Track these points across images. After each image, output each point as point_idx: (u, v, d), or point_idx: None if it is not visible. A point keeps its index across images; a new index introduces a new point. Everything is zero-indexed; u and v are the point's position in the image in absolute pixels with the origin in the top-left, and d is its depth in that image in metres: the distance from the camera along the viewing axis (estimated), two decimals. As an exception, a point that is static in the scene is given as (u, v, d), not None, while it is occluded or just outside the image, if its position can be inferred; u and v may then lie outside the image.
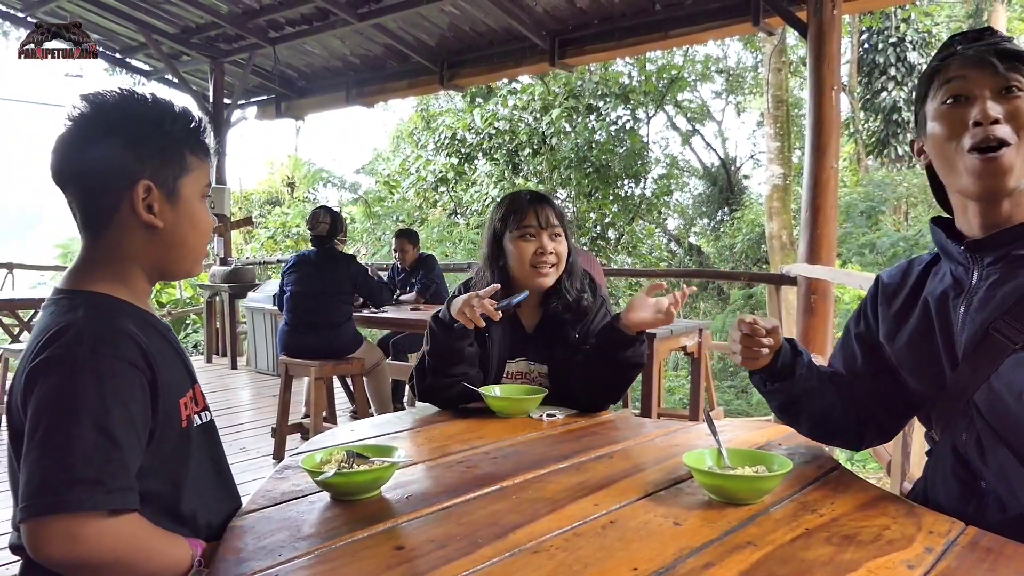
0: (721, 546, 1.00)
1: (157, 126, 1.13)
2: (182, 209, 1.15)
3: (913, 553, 0.97)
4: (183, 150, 1.15)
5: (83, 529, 0.94)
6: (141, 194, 1.10)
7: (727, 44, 17.62)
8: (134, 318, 1.10)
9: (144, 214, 1.11)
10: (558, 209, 1.99)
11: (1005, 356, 1.13)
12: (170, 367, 1.13)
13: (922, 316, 1.27)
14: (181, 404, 1.14)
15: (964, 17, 13.99)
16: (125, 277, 1.14)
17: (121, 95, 1.14)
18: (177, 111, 1.16)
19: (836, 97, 4.36)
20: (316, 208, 4.61)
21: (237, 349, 7.61)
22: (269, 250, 14.79)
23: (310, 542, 1.03)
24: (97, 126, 1.11)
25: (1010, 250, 1.16)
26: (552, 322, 2.00)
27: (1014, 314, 1.13)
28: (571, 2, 5.72)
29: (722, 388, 11.01)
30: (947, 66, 1.18)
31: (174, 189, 1.13)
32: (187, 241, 1.17)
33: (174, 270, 1.19)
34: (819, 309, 4.32)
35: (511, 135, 13.09)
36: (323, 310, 4.28)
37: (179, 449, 1.14)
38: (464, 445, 1.54)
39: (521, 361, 2.02)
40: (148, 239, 1.13)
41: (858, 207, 12.86)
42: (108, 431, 0.97)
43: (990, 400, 1.14)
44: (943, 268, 1.28)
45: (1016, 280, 1.15)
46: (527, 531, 1.06)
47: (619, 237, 13.83)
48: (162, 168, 1.12)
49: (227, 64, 8.04)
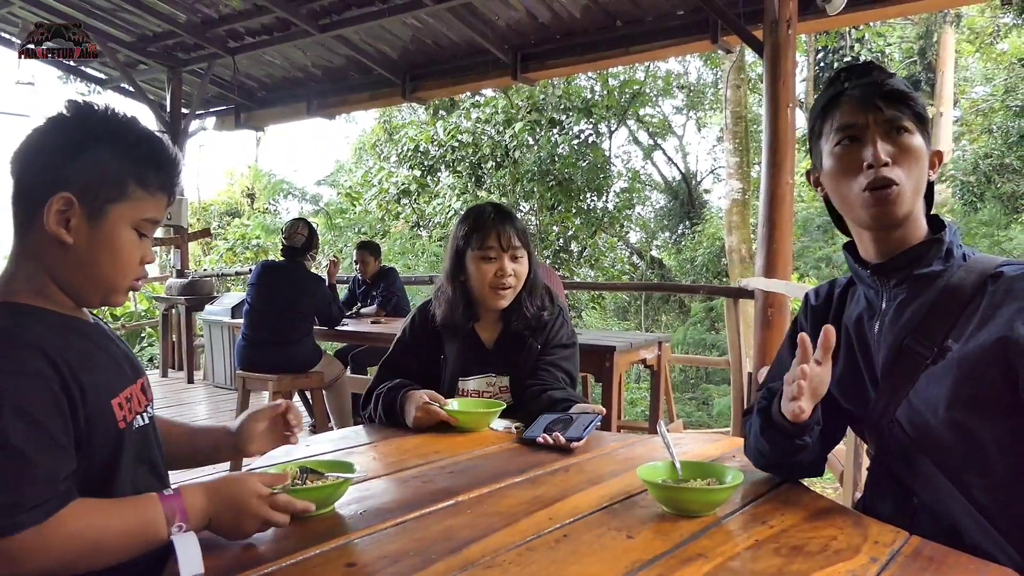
0: (673, 559, 1.00)
1: (106, 145, 1.10)
2: (103, 233, 1.10)
3: (859, 563, 0.98)
4: (127, 177, 1.11)
5: (17, 549, 0.91)
6: (57, 204, 1.06)
7: (688, 61, 17.93)
8: (49, 326, 1.07)
9: (52, 224, 1.07)
10: (520, 228, 1.99)
11: (919, 372, 1.18)
12: (96, 370, 1.09)
13: (844, 339, 1.32)
14: (115, 405, 1.11)
15: (915, 38, 14.42)
16: (42, 287, 1.11)
17: (101, 109, 1.13)
18: (140, 138, 1.13)
19: (792, 114, 4.45)
20: (296, 219, 4.57)
21: (194, 363, 7.48)
22: (228, 262, 14.57)
23: (260, 561, 1.01)
24: (55, 129, 1.10)
25: (911, 271, 1.23)
26: (512, 335, 2.01)
27: (921, 331, 1.19)
28: (533, 17, 5.76)
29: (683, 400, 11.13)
30: (839, 106, 1.24)
31: (100, 211, 1.09)
32: (99, 267, 1.11)
33: (84, 295, 1.14)
34: (776, 322, 4.39)
35: (474, 148, 13.11)
36: (283, 327, 4.22)
37: (110, 451, 1.10)
38: (421, 459, 1.53)
39: (480, 378, 2.01)
40: (61, 253, 1.09)
41: (815, 221, 13.13)
42: (14, 449, 0.94)
43: (910, 416, 1.19)
44: (859, 290, 1.34)
45: (921, 298, 1.22)
46: (480, 546, 1.05)
47: (582, 250, 13.91)
48: (93, 187, 1.08)
49: (185, 73, 7.93)
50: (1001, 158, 13.14)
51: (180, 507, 1.04)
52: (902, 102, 1.20)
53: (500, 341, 2.02)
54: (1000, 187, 13.02)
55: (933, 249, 1.23)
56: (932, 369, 1.17)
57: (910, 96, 1.21)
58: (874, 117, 1.20)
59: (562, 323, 2.05)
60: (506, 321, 2.01)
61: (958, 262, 1.23)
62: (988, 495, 1.13)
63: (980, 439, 1.13)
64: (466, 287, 1.99)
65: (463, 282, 1.98)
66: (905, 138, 1.21)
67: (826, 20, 4.68)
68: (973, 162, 13.11)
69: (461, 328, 2.00)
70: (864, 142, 1.21)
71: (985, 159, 13.21)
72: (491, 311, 2.01)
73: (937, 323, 1.18)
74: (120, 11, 6.73)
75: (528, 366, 1.97)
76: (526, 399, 1.91)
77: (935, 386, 1.16)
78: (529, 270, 2.00)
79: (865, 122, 1.21)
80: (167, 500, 1.04)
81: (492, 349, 2.03)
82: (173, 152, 1.17)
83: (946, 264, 1.22)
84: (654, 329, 14.50)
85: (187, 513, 1.04)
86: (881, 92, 1.20)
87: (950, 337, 1.17)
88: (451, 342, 2.01)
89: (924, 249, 1.23)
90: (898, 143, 1.20)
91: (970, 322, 1.16)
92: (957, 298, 1.18)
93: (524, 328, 1.99)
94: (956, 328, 1.17)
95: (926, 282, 1.22)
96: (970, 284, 1.18)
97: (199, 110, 8.28)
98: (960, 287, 1.19)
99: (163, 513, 1.02)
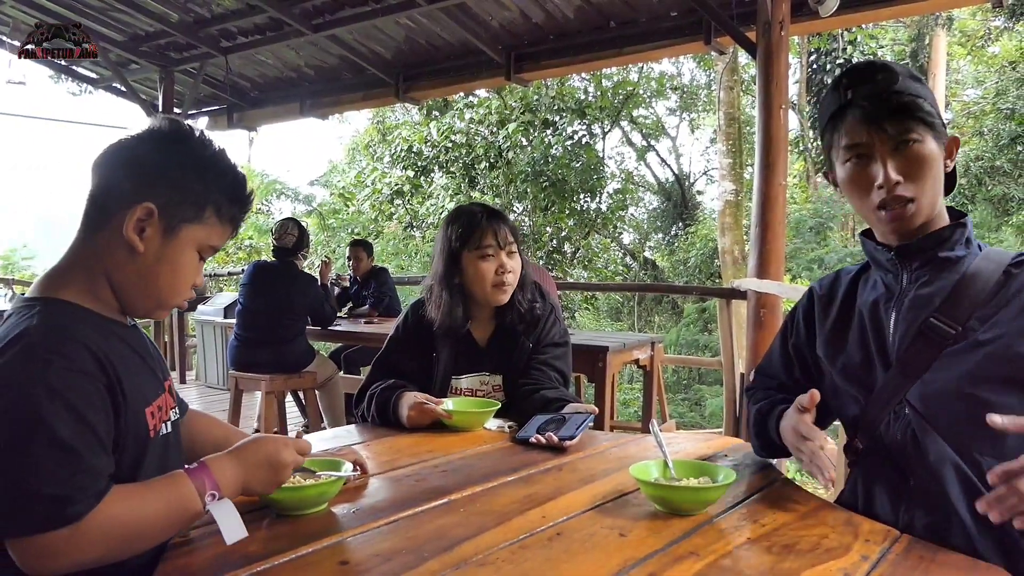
0: (665, 556, 1.01)
1: (196, 169, 1.15)
2: (171, 248, 1.13)
3: (849, 561, 0.99)
4: (207, 203, 1.15)
5: (61, 543, 0.93)
6: (140, 213, 1.09)
7: (681, 62, 17.97)
8: (95, 326, 1.08)
9: (130, 230, 1.09)
10: (511, 225, 2.02)
11: (940, 351, 1.19)
12: (134, 375, 1.11)
13: (857, 325, 1.33)
14: (148, 414, 1.12)
15: (907, 40, 14.48)
16: (95, 287, 1.12)
17: (198, 135, 1.18)
18: (226, 170, 1.18)
19: (784, 116, 4.46)
20: (285, 219, 4.57)
21: (186, 363, 7.46)
22: (220, 262, 14.52)
23: (253, 559, 1.01)
24: (155, 140, 1.14)
25: (935, 253, 1.25)
26: (505, 333, 2.02)
27: (944, 310, 1.20)
28: (527, 18, 5.76)
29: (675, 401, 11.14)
30: (844, 121, 1.25)
31: (174, 228, 1.12)
32: (159, 280, 1.14)
33: (135, 303, 1.16)
34: (768, 323, 4.40)
35: (467, 148, 13.10)
36: (275, 327, 4.21)
37: (135, 458, 1.11)
38: (414, 458, 1.54)
39: (473, 376, 2.02)
40: (126, 259, 1.11)
41: (807, 223, 13.18)
42: (65, 444, 0.95)
43: (925, 396, 1.20)
44: (873, 277, 1.36)
45: (942, 280, 1.24)
46: (474, 544, 1.05)
47: (575, 251, 13.93)
48: (176, 206, 1.12)
49: (177, 73, 7.89)
50: (992, 160, 13.23)
51: (209, 477, 1.06)
52: (907, 113, 1.20)
53: (493, 339, 2.03)
54: (991, 189, 13.11)
55: (956, 233, 1.25)
56: (954, 348, 1.19)
57: (914, 103, 1.21)
58: (880, 137, 1.21)
59: (554, 321, 2.06)
60: (500, 318, 2.02)
61: (975, 251, 1.25)
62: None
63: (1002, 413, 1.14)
64: (462, 288, 1.98)
65: (459, 284, 1.98)
66: (915, 149, 1.21)
67: (819, 22, 4.69)
68: (964, 164, 13.17)
69: (457, 330, 2.00)
70: (873, 158, 1.22)
71: (976, 161, 13.29)
72: (485, 309, 2.02)
73: (960, 304, 1.20)
74: (112, 10, 6.69)
75: (521, 364, 1.98)
76: (519, 398, 1.92)
77: (957, 365, 1.18)
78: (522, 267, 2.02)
79: (871, 141, 1.22)
80: (194, 473, 1.06)
81: (485, 348, 2.04)
82: (250, 190, 1.21)
83: (967, 251, 1.25)
84: (647, 330, 14.51)
85: (216, 482, 1.06)
86: (887, 107, 1.20)
87: (973, 318, 1.18)
88: (444, 342, 2.02)
89: (948, 232, 1.25)
90: (908, 156, 1.21)
91: (996, 306, 1.18)
92: (978, 283, 1.20)
93: (518, 322, 2.00)
94: (980, 310, 1.19)
95: (947, 266, 1.24)
96: (990, 271, 1.21)
97: (191, 110, 8.24)
98: (980, 273, 1.21)
99: (194, 486, 1.04)
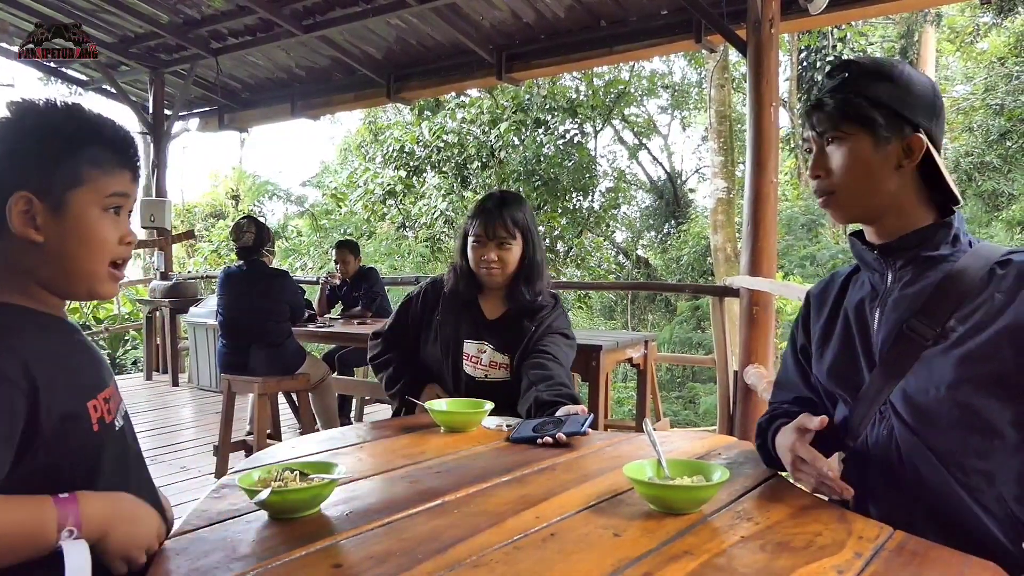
0: (659, 556, 1.01)
1: (51, 137, 1.08)
2: (70, 222, 1.08)
3: (843, 558, 0.99)
4: (80, 161, 1.09)
5: None
6: (18, 205, 1.05)
7: (672, 60, 17.99)
8: (30, 323, 1.07)
9: (18, 226, 1.05)
10: (513, 219, 2.14)
11: (919, 353, 1.20)
12: (73, 372, 1.08)
13: (843, 325, 1.34)
14: (90, 407, 1.09)
15: (896, 38, 14.53)
16: (26, 288, 1.09)
17: (40, 104, 1.11)
18: (82, 122, 1.11)
19: (775, 113, 4.47)
20: (240, 218, 4.41)
21: (179, 365, 7.43)
22: (212, 264, 14.50)
23: (245, 563, 1.01)
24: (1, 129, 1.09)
25: (918, 251, 1.26)
26: (512, 317, 2.18)
27: (925, 311, 1.21)
28: (518, 17, 5.76)
29: (669, 399, 11.15)
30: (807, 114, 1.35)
31: (61, 202, 1.07)
32: (76, 257, 1.09)
33: (68, 289, 1.13)
34: (761, 320, 4.41)
35: (460, 148, 13.10)
36: (260, 332, 4.16)
37: (90, 453, 1.08)
38: (407, 460, 1.53)
39: (474, 343, 2.17)
40: (36, 253, 1.08)
41: (799, 220, 13.21)
42: None
43: (906, 398, 1.20)
44: (862, 277, 1.37)
45: (925, 280, 1.24)
46: (467, 546, 1.05)
47: (568, 250, 13.94)
48: (50, 179, 1.07)
49: (168, 74, 7.87)
50: (982, 156, 13.29)
51: (74, 512, 0.97)
52: (839, 111, 1.26)
53: (502, 319, 2.20)
54: (981, 185, 13.16)
55: (940, 232, 1.25)
56: (933, 350, 1.19)
57: (846, 102, 1.25)
58: (813, 133, 1.32)
59: (564, 316, 2.25)
60: (509, 302, 2.20)
61: (964, 248, 1.25)
62: (983, 478, 1.15)
63: (988, 420, 1.14)
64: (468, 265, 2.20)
65: (465, 261, 2.21)
66: (836, 147, 1.28)
67: (808, 19, 4.71)
68: (954, 160, 13.23)
69: (464, 297, 2.21)
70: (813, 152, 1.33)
71: (966, 157, 13.35)
72: (494, 289, 2.22)
73: (941, 305, 1.20)
74: (101, 12, 6.66)
75: (524, 346, 2.12)
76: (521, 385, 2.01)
77: (937, 367, 1.17)
78: (524, 256, 2.17)
79: (808, 136, 1.34)
80: (62, 503, 0.97)
81: (492, 323, 2.20)
82: (119, 127, 1.15)
83: (954, 248, 1.25)
84: (640, 328, 14.53)
85: (80, 519, 0.97)
86: (820, 106, 1.29)
87: (953, 319, 1.18)
88: (451, 308, 2.23)
89: (931, 232, 1.25)
90: (832, 152, 1.29)
91: (977, 305, 1.18)
92: (962, 281, 1.20)
93: (519, 312, 2.17)
94: (960, 310, 1.18)
95: (932, 265, 1.25)
96: (976, 269, 1.20)
97: (182, 111, 8.22)
98: (965, 272, 1.20)
99: (56, 516, 0.95)
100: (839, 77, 1.29)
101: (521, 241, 2.16)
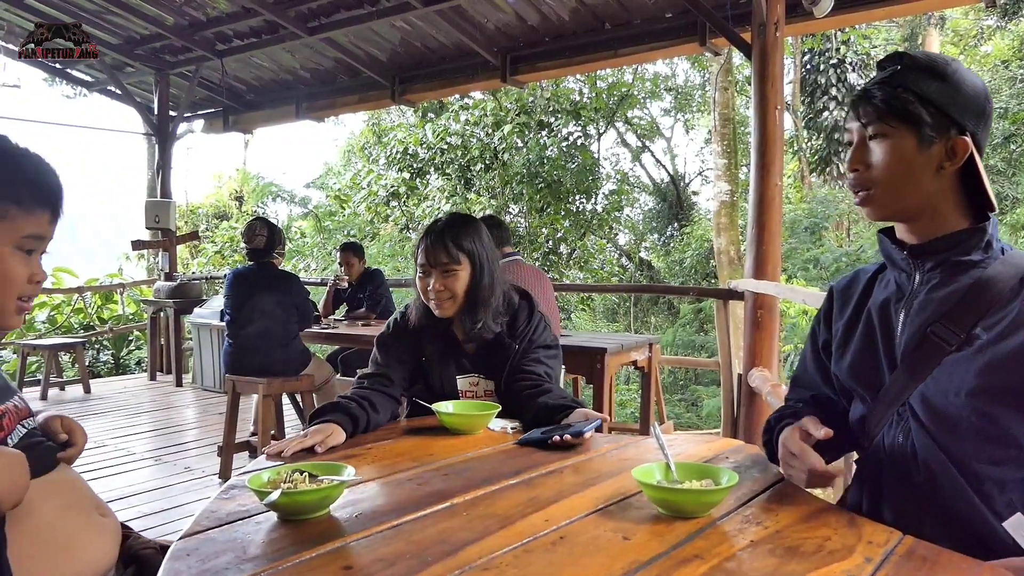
0: (669, 560, 1.01)
1: None
2: None
3: (853, 563, 0.99)
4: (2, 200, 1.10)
5: None
6: None
7: (675, 63, 18.00)
8: None
9: None
10: (457, 243, 1.97)
11: (941, 358, 1.19)
12: None
13: (866, 323, 1.33)
14: None
15: (900, 41, 14.53)
16: None
17: None
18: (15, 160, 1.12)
19: (780, 116, 4.47)
20: (252, 220, 4.43)
21: (183, 366, 7.44)
22: (216, 265, 14.51)
23: (256, 564, 1.01)
24: None
25: (949, 255, 1.24)
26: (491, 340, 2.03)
27: (951, 317, 1.19)
28: (522, 20, 5.77)
29: (672, 402, 11.15)
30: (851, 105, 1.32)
31: None
32: None
33: None
34: (766, 323, 4.41)
35: (463, 150, 13.11)
36: (266, 333, 4.17)
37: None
38: (415, 462, 1.53)
39: (463, 378, 2.04)
40: None
41: (802, 223, 13.19)
42: None
43: (925, 401, 1.20)
44: (888, 276, 1.35)
45: (954, 284, 1.22)
46: (477, 548, 1.05)
47: (571, 252, 13.94)
48: None
49: (173, 76, 7.89)
50: (986, 160, 13.22)
51: None
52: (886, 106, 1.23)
53: (482, 347, 2.05)
54: (985, 188, 13.10)
55: (974, 238, 1.23)
56: (956, 356, 1.18)
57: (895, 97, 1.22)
58: (857, 124, 1.28)
59: (544, 325, 2.08)
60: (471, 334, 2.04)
61: (996, 255, 1.23)
62: (996, 485, 1.14)
63: (1006, 429, 1.13)
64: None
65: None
66: (876, 144, 1.26)
67: (813, 22, 4.70)
68: (958, 163, 13.18)
69: (435, 327, 2.05)
70: (852, 145, 1.29)
71: (970, 160, 13.28)
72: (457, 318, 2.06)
73: (967, 311, 1.18)
74: (107, 13, 6.68)
75: (509, 366, 2.00)
76: (518, 401, 1.92)
77: (959, 372, 1.16)
78: (472, 283, 1.99)
79: (852, 127, 1.30)
80: None
81: (474, 353, 2.06)
82: (45, 165, 1.15)
83: (985, 255, 1.23)
84: (643, 331, 14.53)
85: None
86: (867, 99, 1.26)
87: (979, 326, 1.17)
88: (430, 342, 2.06)
89: (965, 236, 1.23)
90: (873, 148, 1.26)
91: (1004, 314, 1.16)
92: (991, 289, 1.18)
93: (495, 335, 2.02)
94: (986, 318, 1.17)
95: (962, 270, 1.23)
96: (1007, 278, 1.19)
97: (187, 112, 8.24)
98: (995, 279, 1.19)
99: None
100: (890, 69, 1.26)
101: (468, 266, 1.98)
